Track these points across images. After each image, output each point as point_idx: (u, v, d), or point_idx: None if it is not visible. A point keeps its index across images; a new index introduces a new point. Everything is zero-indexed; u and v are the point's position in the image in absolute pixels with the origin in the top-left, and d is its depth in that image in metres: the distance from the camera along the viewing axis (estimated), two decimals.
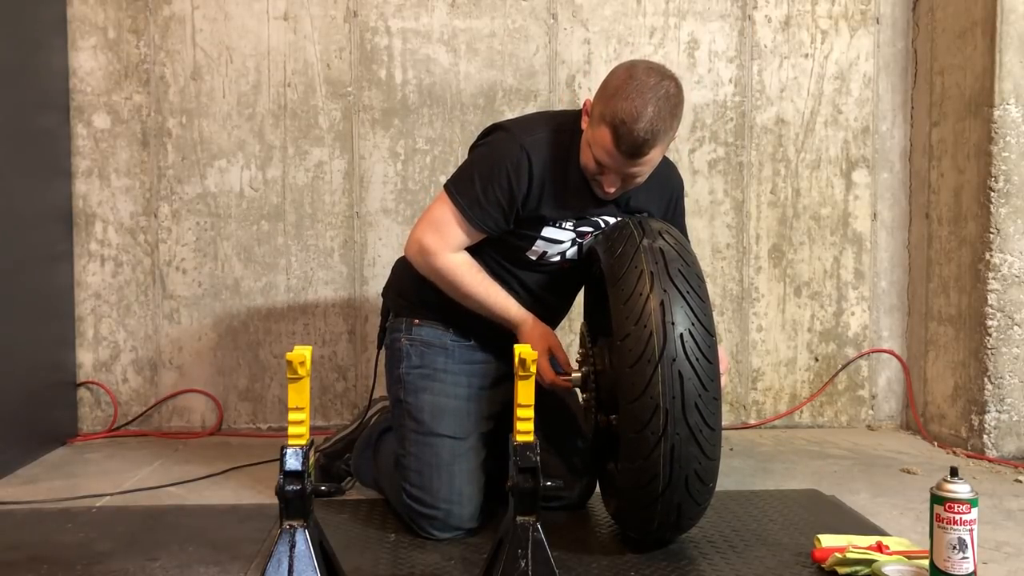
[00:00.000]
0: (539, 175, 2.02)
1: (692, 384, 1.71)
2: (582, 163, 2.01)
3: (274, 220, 3.11)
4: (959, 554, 1.61)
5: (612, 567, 1.83)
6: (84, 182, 3.07)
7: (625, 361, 1.73)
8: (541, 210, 2.05)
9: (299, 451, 1.56)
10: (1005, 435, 2.80)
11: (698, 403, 1.71)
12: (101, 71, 3.06)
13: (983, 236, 2.82)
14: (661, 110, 1.87)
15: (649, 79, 1.89)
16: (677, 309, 1.73)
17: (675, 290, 1.75)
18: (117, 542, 1.98)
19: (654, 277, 1.75)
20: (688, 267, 1.80)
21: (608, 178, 1.97)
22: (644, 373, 1.71)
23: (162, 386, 3.12)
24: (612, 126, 1.87)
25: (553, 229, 2.08)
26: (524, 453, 1.61)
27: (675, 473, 1.72)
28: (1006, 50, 2.76)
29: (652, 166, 1.98)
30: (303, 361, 1.56)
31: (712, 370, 1.74)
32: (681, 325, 1.72)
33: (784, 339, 3.23)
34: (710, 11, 3.17)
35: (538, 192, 2.03)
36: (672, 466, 1.72)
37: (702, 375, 1.72)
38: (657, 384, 1.70)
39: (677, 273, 1.77)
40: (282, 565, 1.52)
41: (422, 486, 2.04)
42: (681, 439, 1.71)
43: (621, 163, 1.92)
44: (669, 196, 2.21)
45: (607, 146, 1.90)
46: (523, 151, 2.02)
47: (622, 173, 1.95)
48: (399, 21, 3.10)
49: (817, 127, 3.21)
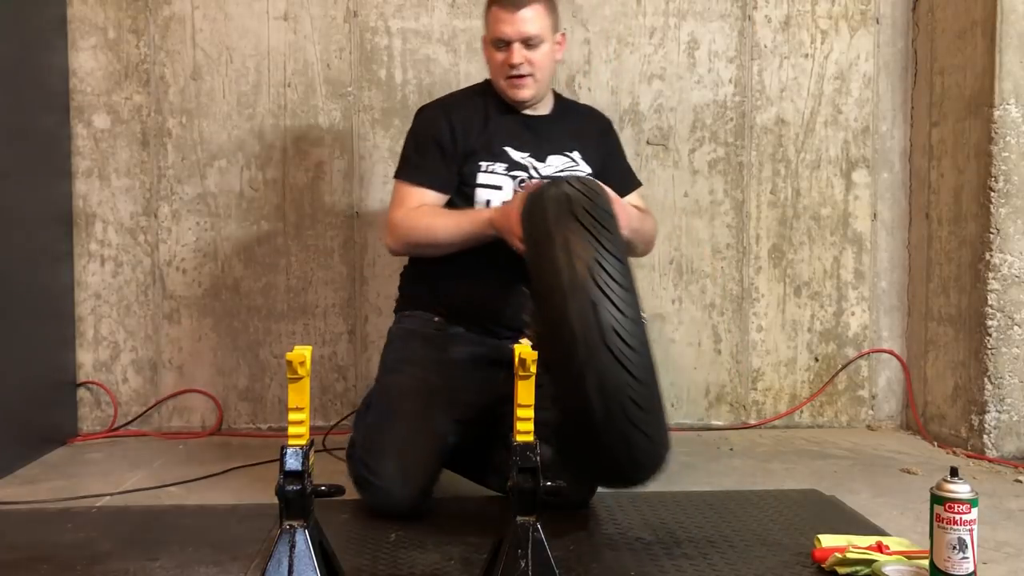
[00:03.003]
0: (456, 114, 2.31)
1: (606, 310, 1.68)
2: (492, 74, 2.33)
3: (274, 220, 3.11)
4: (959, 554, 1.61)
5: (612, 567, 1.83)
6: (84, 182, 3.07)
7: (540, 295, 1.75)
8: (471, 143, 2.28)
9: (299, 451, 1.56)
10: (1005, 435, 2.80)
11: (617, 328, 1.68)
12: (101, 71, 3.06)
13: (983, 236, 2.82)
14: None
15: None
16: (583, 243, 1.73)
17: (580, 226, 1.75)
18: (117, 542, 1.98)
19: (559, 218, 1.77)
20: (595, 206, 1.80)
21: (512, 52, 2.23)
22: (558, 307, 1.70)
23: (162, 386, 3.11)
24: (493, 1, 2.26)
25: (485, 175, 2.27)
26: (524, 453, 1.60)
27: (609, 403, 1.69)
28: (1006, 50, 2.76)
29: (542, 29, 2.25)
30: (303, 361, 1.56)
31: (628, 296, 1.72)
32: (588, 256, 1.72)
33: (784, 339, 3.23)
34: (710, 11, 3.17)
35: (461, 128, 2.29)
36: (603, 395, 1.68)
37: (617, 300, 1.70)
38: (571, 317, 1.68)
39: (584, 213, 1.77)
40: (282, 565, 1.52)
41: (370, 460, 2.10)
42: (605, 366, 1.68)
43: (511, 20, 2.21)
44: (598, 129, 2.47)
45: (496, 15, 2.24)
46: (433, 105, 2.41)
47: (520, 37, 2.22)
48: (399, 21, 3.10)
49: (817, 127, 3.21)
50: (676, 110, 3.17)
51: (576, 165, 2.37)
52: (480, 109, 2.34)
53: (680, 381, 3.21)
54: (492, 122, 2.32)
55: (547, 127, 2.38)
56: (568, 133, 2.39)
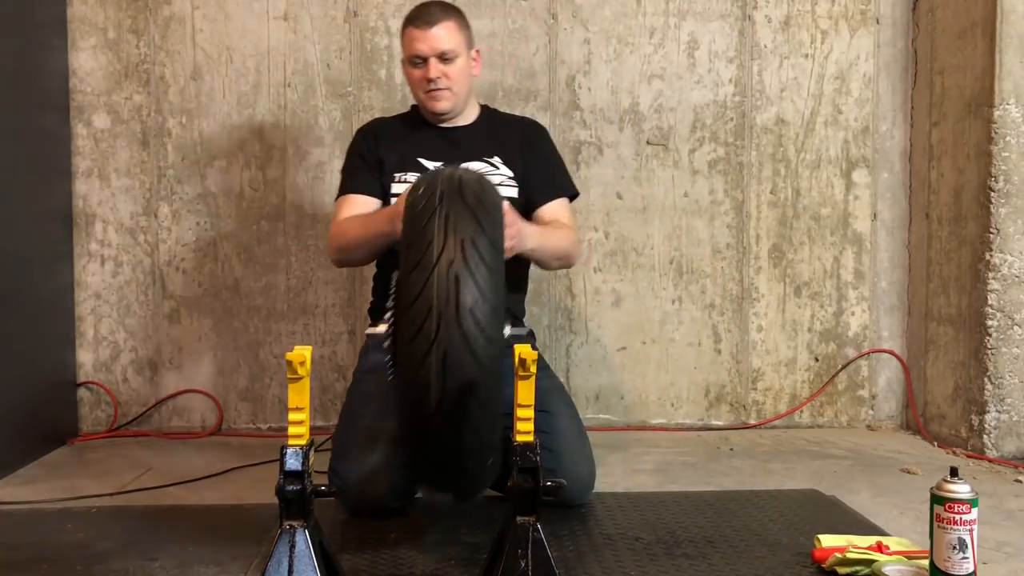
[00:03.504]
0: (378, 130, 2.48)
1: (469, 289, 1.60)
2: (412, 92, 2.43)
3: (274, 220, 3.11)
4: (959, 554, 1.61)
5: (612, 567, 1.83)
6: (84, 182, 3.07)
7: (406, 268, 1.66)
8: (387, 155, 2.39)
9: (299, 451, 1.57)
10: (1005, 435, 2.80)
11: (475, 309, 1.60)
12: (101, 71, 3.06)
13: (983, 236, 2.82)
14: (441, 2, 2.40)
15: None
16: (463, 220, 1.66)
17: (463, 205, 1.68)
18: (117, 542, 1.98)
19: (444, 197, 1.69)
20: (483, 191, 1.74)
21: (429, 67, 2.32)
22: (420, 278, 1.62)
23: (162, 386, 3.12)
24: (407, 20, 2.37)
25: (398, 185, 2.34)
26: (524, 453, 1.61)
27: (448, 383, 1.59)
28: (1006, 50, 2.76)
29: (456, 44, 2.33)
30: (303, 361, 1.56)
31: (494, 281, 1.65)
32: (464, 233, 1.64)
33: (784, 339, 3.23)
34: (710, 11, 3.17)
35: (379, 142, 2.42)
36: (445, 375, 1.58)
37: (482, 282, 1.62)
38: (432, 287, 1.60)
39: (471, 194, 1.71)
40: (282, 565, 1.53)
41: (338, 466, 2.15)
42: (454, 344, 1.58)
43: (424, 37, 2.31)
44: (524, 135, 2.49)
45: (409, 34, 2.34)
46: (362, 128, 2.56)
47: (434, 53, 2.31)
48: (399, 21, 3.08)
49: (817, 127, 3.21)
50: (676, 110, 3.17)
51: (496, 170, 2.40)
52: (400, 126, 2.48)
53: (680, 381, 3.21)
54: (410, 135, 2.43)
55: (467, 137, 2.45)
56: (489, 141, 2.45)
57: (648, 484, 2.50)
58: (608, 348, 3.18)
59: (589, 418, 3.16)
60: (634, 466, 2.69)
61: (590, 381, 3.19)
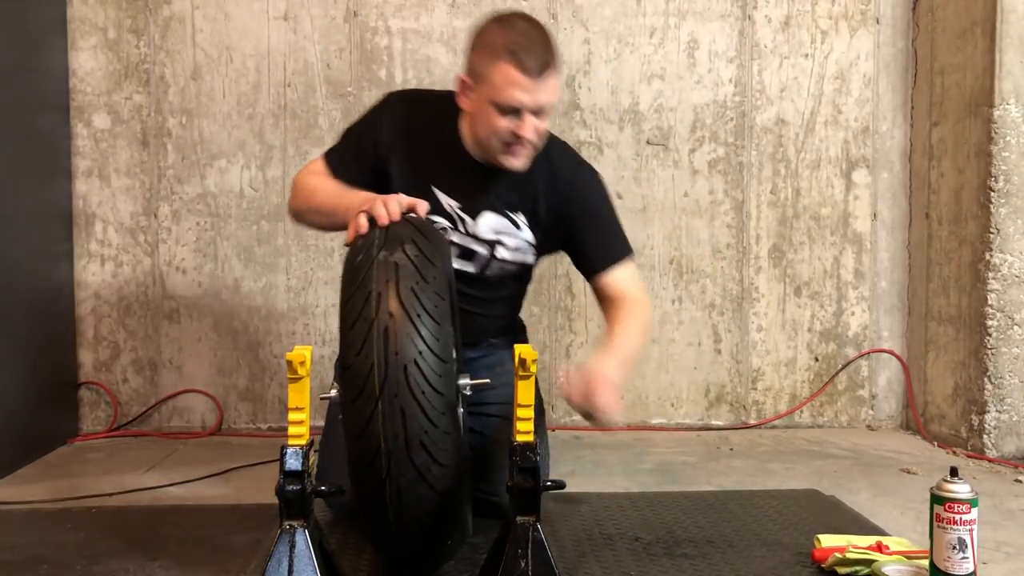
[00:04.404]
0: (399, 118, 2.01)
1: (417, 421, 1.51)
2: (481, 131, 1.94)
3: (274, 220, 3.11)
4: (959, 554, 1.61)
5: (612, 567, 1.83)
6: (84, 182, 3.07)
7: (349, 395, 1.55)
8: (390, 163, 2.00)
9: (299, 451, 1.56)
10: (1005, 435, 2.80)
11: (424, 441, 1.52)
12: (101, 71, 3.06)
13: (983, 236, 2.82)
14: (543, 30, 1.92)
15: (513, 13, 1.95)
16: (403, 337, 1.52)
17: (403, 313, 1.53)
18: (117, 542, 1.98)
19: (381, 299, 1.54)
20: (425, 284, 1.58)
21: (523, 123, 1.89)
22: (365, 410, 1.52)
23: (162, 386, 3.11)
24: (509, 52, 1.84)
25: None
26: (524, 453, 1.60)
27: (406, 514, 1.56)
28: (1006, 50, 2.76)
29: (555, 98, 1.94)
30: (303, 361, 1.56)
31: (442, 402, 1.54)
32: (406, 356, 1.51)
33: (784, 339, 3.23)
34: (710, 11, 3.17)
35: (399, 151, 1.99)
36: (401, 508, 1.55)
37: (429, 410, 1.52)
38: (378, 422, 1.51)
39: (409, 293, 1.55)
40: (282, 565, 1.52)
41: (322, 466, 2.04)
42: (407, 480, 1.52)
43: (532, 88, 1.86)
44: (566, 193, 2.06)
45: (513, 76, 1.85)
46: (391, 95, 2.09)
47: (536, 107, 1.89)
48: (399, 21, 3.10)
49: (817, 127, 3.21)
50: (676, 110, 3.17)
51: (517, 231, 2.07)
52: (431, 132, 2.01)
53: (680, 381, 3.21)
54: (436, 154, 2.01)
55: (501, 181, 2.03)
56: (522, 193, 2.04)
57: (648, 484, 2.50)
58: None
59: None
60: (634, 466, 2.69)
61: None
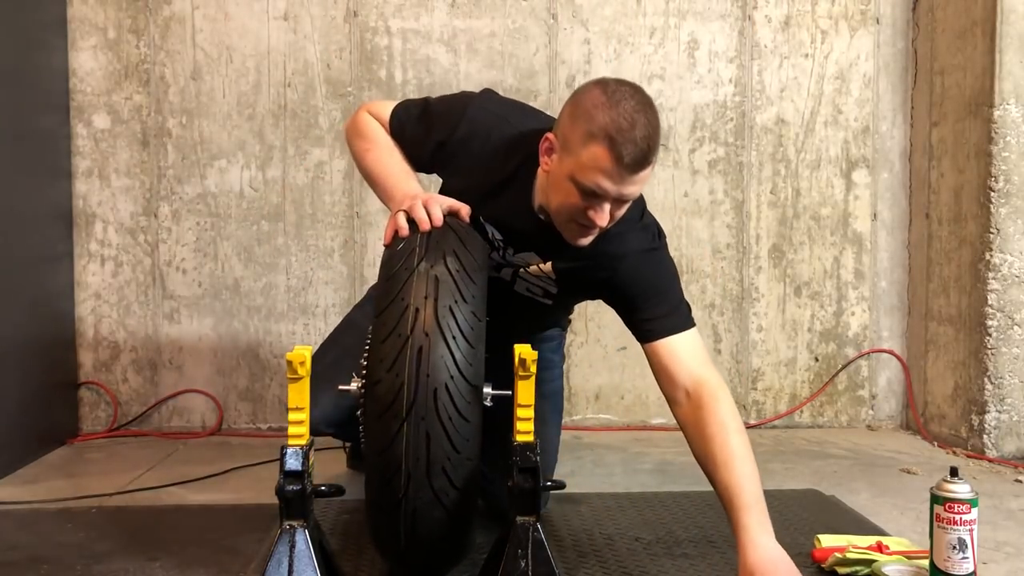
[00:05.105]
0: (477, 137, 1.86)
1: (441, 446, 1.51)
2: (553, 206, 1.77)
3: (274, 220, 3.11)
4: (959, 554, 1.61)
5: (612, 567, 1.83)
6: (84, 182, 3.07)
7: (374, 410, 1.54)
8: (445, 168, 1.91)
9: (299, 451, 1.56)
10: (1005, 435, 2.80)
11: (446, 467, 1.52)
12: (101, 71, 3.06)
13: (983, 236, 2.82)
14: (651, 117, 1.68)
15: (624, 87, 1.70)
16: (436, 359, 1.50)
17: (439, 334, 1.51)
18: (117, 542, 1.98)
19: (418, 315, 1.52)
20: (464, 304, 1.55)
21: (601, 210, 1.71)
22: (390, 429, 1.51)
23: (162, 386, 3.11)
24: (608, 138, 1.63)
25: None
26: (524, 453, 1.60)
27: (418, 535, 1.57)
28: (1006, 50, 2.76)
29: (643, 188, 1.75)
30: (303, 361, 1.56)
31: (468, 429, 1.53)
32: (437, 379, 1.50)
33: (784, 339, 3.23)
34: (710, 11, 3.17)
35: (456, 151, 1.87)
36: (414, 529, 1.56)
37: (454, 436, 1.52)
38: (401, 442, 1.50)
39: (447, 312, 1.53)
40: (282, 565, 1.52)
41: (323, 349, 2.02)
42: (424, 503, 1.53)
43: (621, 181, 1.67)
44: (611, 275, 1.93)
45: (605, 165, 1.65)
46: (475, 103, 1.91)
47: (620, 198, 1.72)
48: (399, 21, 3.10)
49: (817, 127, 3.21)
50: (676, 110, 3.17)
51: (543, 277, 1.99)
52: (500, 164, 1.87)
53: None
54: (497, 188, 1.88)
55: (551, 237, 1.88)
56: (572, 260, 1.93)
57: (648, 484, 2.50)
58: (608, 348, 3.18)
59: (589, 418, 3.16)
60: (634, 466, 2.69)
61: (590, 381, 3.19)
